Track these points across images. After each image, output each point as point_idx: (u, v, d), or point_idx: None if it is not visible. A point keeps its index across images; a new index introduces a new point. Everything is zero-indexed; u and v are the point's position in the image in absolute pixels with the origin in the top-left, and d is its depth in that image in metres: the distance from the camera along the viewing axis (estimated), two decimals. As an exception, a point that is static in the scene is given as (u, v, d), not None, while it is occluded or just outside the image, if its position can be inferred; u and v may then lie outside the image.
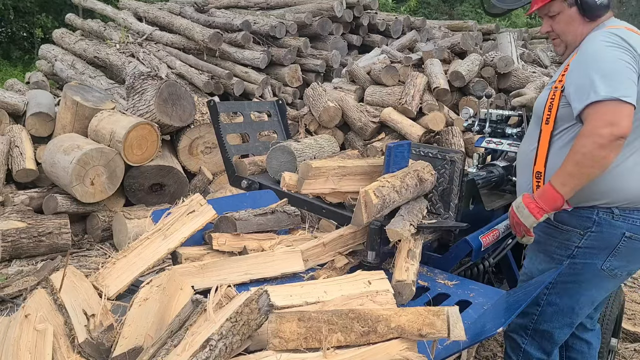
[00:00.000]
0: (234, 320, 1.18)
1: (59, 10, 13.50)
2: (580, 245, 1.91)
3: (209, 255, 1.87)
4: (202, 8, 8.03)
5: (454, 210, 2.13)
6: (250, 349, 1.27)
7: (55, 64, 7.62)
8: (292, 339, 1.23)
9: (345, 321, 1.27)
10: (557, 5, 1.95)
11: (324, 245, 1.92)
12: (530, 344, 2.08)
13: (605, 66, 1.74)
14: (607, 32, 1.82)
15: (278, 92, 7.34)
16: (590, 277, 1.95)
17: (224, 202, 2.30)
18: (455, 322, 1.27)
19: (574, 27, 1.95)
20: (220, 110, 2.95)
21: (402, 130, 5.71)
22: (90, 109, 4.38)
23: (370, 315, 1.29)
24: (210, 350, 1.12)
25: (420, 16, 11.36)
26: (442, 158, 2.13)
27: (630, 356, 3.00)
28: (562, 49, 2.03)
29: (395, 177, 1.93)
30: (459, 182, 2.10)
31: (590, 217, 1.89)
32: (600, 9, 1.91)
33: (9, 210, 3.97)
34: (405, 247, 1.84)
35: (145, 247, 1.75)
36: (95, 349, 1.34)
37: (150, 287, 1.51)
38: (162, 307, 1.41)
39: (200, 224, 1.88)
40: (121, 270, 1.66)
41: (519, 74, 6.20)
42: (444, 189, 2.13)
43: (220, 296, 1.27)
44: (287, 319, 1.25)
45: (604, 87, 1.69)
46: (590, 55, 1.81)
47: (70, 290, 1.53)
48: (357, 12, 8.46)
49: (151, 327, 1.34)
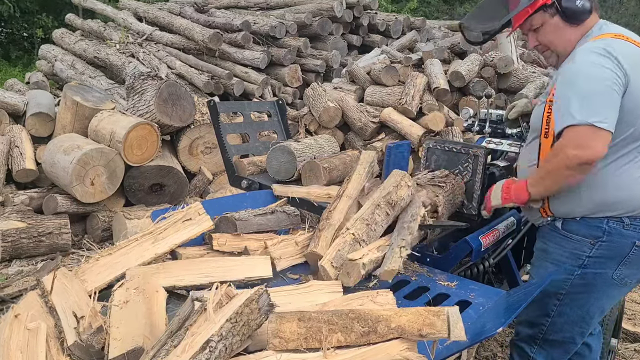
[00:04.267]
0: (234, 321, 1.17)
1: (59, 11, 13.48)
2: (591, 254, 1.90)
3: (208, 255, 1.87)
4: (202, 8, 8.03)
5: (476, 202, 2.27)
6: (249, 349, 1.26)
7: (55, 64, 7.62)
8: (292, 339, 1.22)
9: (346, 321, 1.27)
10: (537, 18, 1.92)
11: (296, 244, 1.90)
12: (539, 352, 2.08)
13: (585, 88, 1.74)
14: (594, 47, 1.79)
15: (278, 92, 7.34)
16: (601, 287, 1.94)
17: (224, 202, 2.30)
18: (455, 322, 1.27)
19: (561, 35, 1.92)
20: (220, 110, 2.95)
21: (402, 131, 5.71)
22: (90, 109, 4.37)
23: (371, 315, 1.29)
24: (210, 352, 1.12)
25: (420, 16, 11.36)
26: (465, 153, 2.29)
27: (630, 356, 3.00)
28: (554, 59, 2.00)
29: (362, 221, 1.85)
30: (481, 175, 2.25)
31: (600, 226, 1.88)
32: (584, 12, 1.88)
33: (9, 210, 3.97)
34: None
35: (132, 248, 1.72)
36: (84, 352, 1.32)
37: (126, 289, 1.48)
38: (147, 308, 1.40)
39: (194, 234, 1.83)
40: (103, 268, 1.63)
41: (518, 74, 6.19)
42: (467, 182, 2.28)
43: (220, 295, 1.27)
44: (287, 319, 1.24)
45: (580, 111, 1.70)
46: (570, 75, 1.80)
47: (61, 292, 1.51)
48: (357, 12, 8.46)
49: (144, 327, 1.33)
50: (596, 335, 2.31)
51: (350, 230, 1.82)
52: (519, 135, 2.71)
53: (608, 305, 2.05)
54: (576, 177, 1.77)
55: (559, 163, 1.77)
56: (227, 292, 1.27)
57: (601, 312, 2.04)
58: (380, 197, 1.94)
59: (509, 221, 2.42)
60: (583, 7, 1.87)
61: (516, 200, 1.95)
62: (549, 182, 1.84)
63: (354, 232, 1.81)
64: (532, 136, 2.05)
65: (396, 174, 2.05)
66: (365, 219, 1.87)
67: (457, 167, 2.31)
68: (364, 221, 1.86)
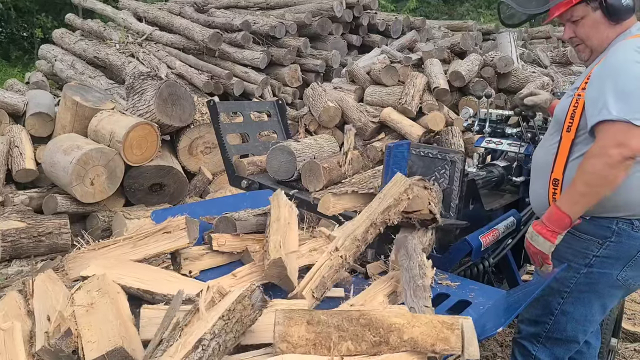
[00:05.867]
0: (226, 319, 1.16)
1: (59, 10, 13.49)
2: (598, 254, 1.89)
3: (208, 255, 1.87)
4: (201, 8, 8.04)
5: (454, 211, 2.12)
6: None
7: (55, 64, 7.62)
8: (300, 344, 1.19)
9: (357, 328, 1.22)
10: (580, 10, 1.89)
11: (234, 275, 1.74)
12: (541, 350, 2.08)
13: (623, 84, 1.71)
14: (633, 45, 1.78)
15: (278, 92, 7.35)
16: (605, 287, 1.94)
17: (224, 202, 2.30)
18: (470, 339, 1.23)
19: (599, 31, 1.89)
20: (220, 110, 2.95)
21: (402, 130, 5.71)
22: (90, 109, 4.37)
23: (383, 323, 1.24)
24: (203, 350, 1.11)
25: (420, 16, 11.36)
26: (442, 158, 2.13)
27: (630, 356, 3.00)
28: (587, 54, 1.96)
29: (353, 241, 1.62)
30: (459, 182, 2.10)
31: (609, 227, 1.87)
32: (626, 11, 1.85)
33: (8, 210, 3.97)
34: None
35: (113, 249, 1.69)
36: (54, 356, 1.28)
37: (87, 292, 1.46)
38: (116, 309, 1.38)
39: (167, 248, 1.75)
40: (86, 262, 1.62)
41: (518, 74, 6.19)
42: (444, 190, 2.13)
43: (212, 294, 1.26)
44: (295, 321, 1.21)
45: (618, 107, 1.67)
46: (610, 70, 1.77)
47: (42, 295, 1.50)
48: (356, 12, 8.46)
49: (119, 328, 1.31)
50: (595, 332, 2.30)
51: (340, 251, 1.59)
52: (519, 135, 2.71)
53: (610, 305, 2.05)
54: (620, 177, 1.70)
55: (601, 167, 1.69)
56: (219, 290, 1.27)
57: (603, 311, 2.03)
58: (378, 212, 1.74)
59: (508, 221, 2.41)
60: (627, 6, 1.84)
61: (562, 229, 1.81)
62: (594, 189, 1.73)
63: (343, 255, 1.59)
64: (552, 129, 2.00)
65: (399, 182, 1.86)
66: (357, 239, 1.65)
67: (433, 174, 2.16)
68: (355, 241, 1.64)
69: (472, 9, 16.78)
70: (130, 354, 1.24)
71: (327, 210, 1.85)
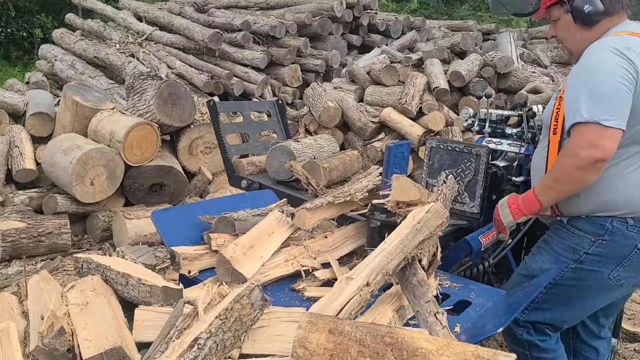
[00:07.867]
0: (223, 318, 1.16)
1: (59, 10, 13.48)
2: (589, 252, 1.88)
3: (207, 255, 1.87)
4: (202, 8, 8.03)
5: (479, 200, 2.30)
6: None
7: (55, 64, 7.62)
8: (317, 352, 1.13)
9: (379, 346, 1.13)
10: (555, 11, 1.93)
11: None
12: (527, 333, 2.03)
13: (594, 84, 1.72)
14: (606, 44, 1.78)
15: (278, 92, 7.34)
16: (593, 285, 1.92)
17: (224, 202, 2.30)
18: None
19: (571, 33, 1.92)
20: (220, 110, 2.95)
21: (402, 130, 5.71)
22: (90, 109, 4.37)
23: (409, 345, 1.13)
24: (199, 349, 1.10)
25: (420, 16, 11.35)
26: (468, 152, 2.32)
27: (630, 356, 2.99)
28: (567, 54, 2.01)
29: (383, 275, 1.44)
30: (484, 174, 2.28)
31: (604, 225, 1.86)
32: (593, 15, 1.84)
33: (8, 210, 3.97)
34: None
35: None
36: (49, 355, 1.27)
37: (81, 291, 1.47)
38: (112, 309, 1.39)
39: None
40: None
41: (518, 74, 6.19)
42: (470, 180, 2.30)
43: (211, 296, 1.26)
44: (317, 327, 1.15)
45: (588, 109, 1.69)
46: (582, 70, 1.79)
47: (36, 295, 1.50)
48: (357, 12, 8.46)
49: (116, 327, 1.31)
50: (606, 339, 2.28)
51: (371, 286, 1.41)
52: (519, 135, 2.71)
53: (597, 305, 2.03)
54: (590, 177, 1.74)
55: (570, 167, 1.74)
56: (219, 291, 1.27)
57: (585, 311, 2.02)
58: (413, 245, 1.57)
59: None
60: (592, 11, 1.84)
61: (528, 213, 1.91)
62: (562, 187, 1.81)
63: (373, 290, 1.43)
64: (543, 133, 2.03)
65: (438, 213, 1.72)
66: (389, 273, 1.48)
67: (459, 167, 2.33)
68: (386, 276, 1.47)
69: (472, 11, 16.78)
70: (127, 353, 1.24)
71: (303, 225, 1.89)
